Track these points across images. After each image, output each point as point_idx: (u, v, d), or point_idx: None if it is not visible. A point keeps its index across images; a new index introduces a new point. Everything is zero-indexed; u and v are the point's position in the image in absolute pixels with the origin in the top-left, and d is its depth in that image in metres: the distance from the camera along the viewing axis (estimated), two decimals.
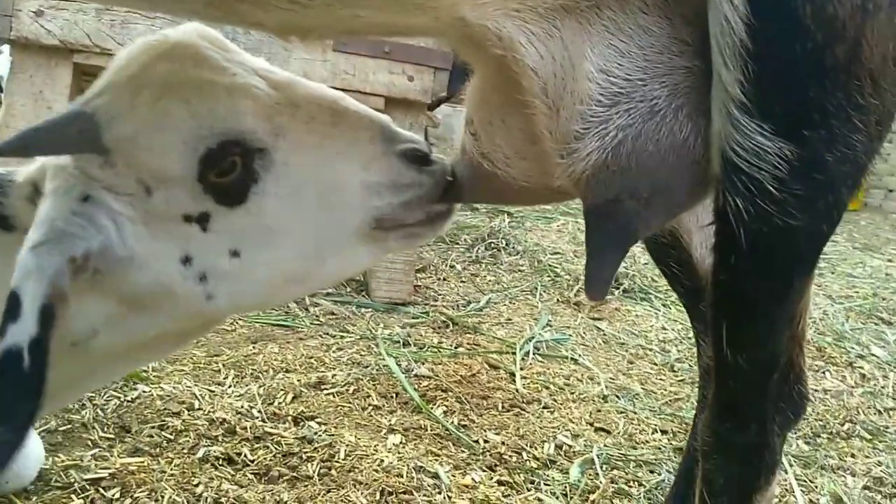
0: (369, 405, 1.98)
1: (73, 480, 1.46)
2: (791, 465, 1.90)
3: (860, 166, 0.78)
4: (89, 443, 1.63)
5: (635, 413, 2.16)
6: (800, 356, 1.13)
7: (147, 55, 0.86)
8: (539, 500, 1.63)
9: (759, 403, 0.96)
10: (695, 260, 1.17)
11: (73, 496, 1.43)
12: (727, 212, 0.77)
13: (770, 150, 0.73)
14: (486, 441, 1.87)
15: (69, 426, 1.68)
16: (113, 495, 1.44)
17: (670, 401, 2.31)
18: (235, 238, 0.87)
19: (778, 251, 0.80)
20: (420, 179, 0.93)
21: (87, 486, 1.45)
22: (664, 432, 2.06)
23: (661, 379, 2.49)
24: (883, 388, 2.58)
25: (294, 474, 1.59)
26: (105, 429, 1.68)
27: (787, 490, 1.78)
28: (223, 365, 2.11)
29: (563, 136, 0.79)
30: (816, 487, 1.81)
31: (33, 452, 1.45)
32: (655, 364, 2.63)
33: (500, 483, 1.69)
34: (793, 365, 1.12)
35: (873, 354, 2.94)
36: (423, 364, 2.28)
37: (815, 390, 2.47)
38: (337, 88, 0.98)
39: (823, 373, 2.69)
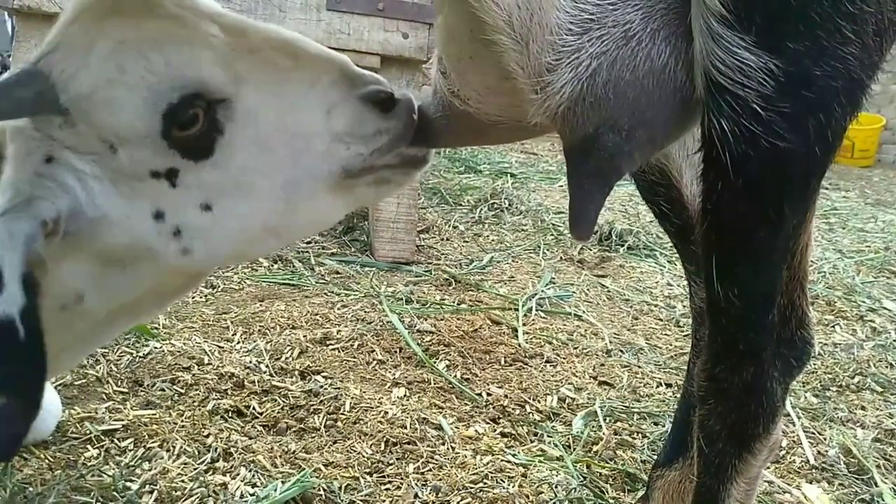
0: (374, 360, 2.01)
1: (88, 432, 1.51)
2: (799, 418, 1.90)
3: (855, 82, 0.73)
4: (104, 396, 1.67)
5: (639, 367, 2.18)
6: (802, 298, 1.08)
7: (98, 6, 0.83)
8: (542, 450, 1.66)
9: (755, 343, 0.91)
10: (685, 198, 1.13)
11: (88, 446, 1.48)
12: (712, 136, 0.74)
13: (754, 66, 0.69)
14: (488, 394, 1.90)
15: (84, 381, 1.73)
16: (126, 446, 1.49)
17: (675, 355, 2.32)
18: (205, 192, 0.85)
19: (766, 176, 0.76)
20: (386, 126, 0.91)
21: (102, 437, 1.50)
22: (668, 385, 2.08)
23: (665, 334, 2.51)
24: (895, 341, 2.55)
25: (301, 426, 1.64)
26: (118, 383, 1.73)
27: (794, 442, 1.79)
28: (231, 322, 2.14)
29: (535, 70, 0.76)
30: (825, 440, 1.81)
31: (53, 408, 1.50)
32: (660, 319, 2.64)
33: (503, 435, 1.72)
34: (794, 307, 1.07)
35: (885, 308, 2.91)
36: (426, 320, 2.31)
37: (825, 344, 2.46)
38: (332, 48, 0.95)
39: (833, 327, 2.67)
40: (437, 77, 0.95)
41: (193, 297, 2.32)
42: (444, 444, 1.63)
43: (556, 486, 1.51)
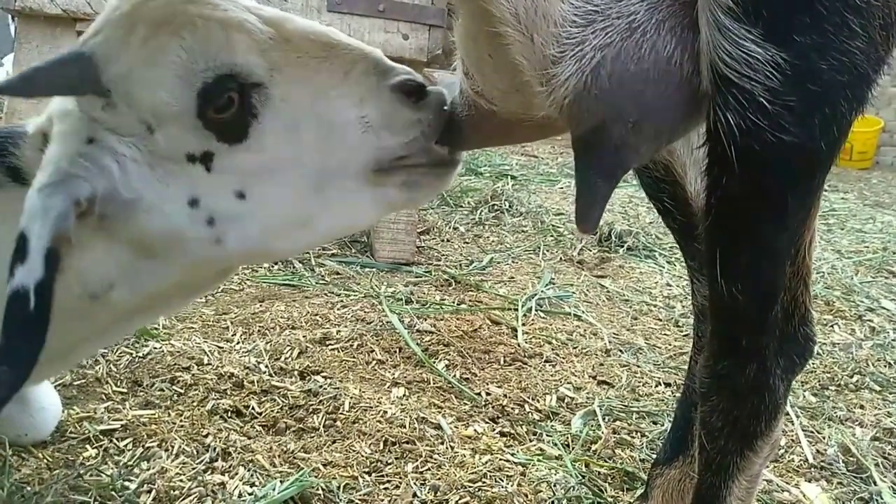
0: (373, 359, 2.01)
1: (87, 431, 1.51)
2: (798, 417, 1.90)
3: (861, 76, 0.72)
4: (103, 396, 1.67)
5: (638, 367, 2.18)
6: (805, 296, 1.07)
7: None
8: (541, 450, 1.66)
9: (758, 340, 0.91)
10: (689, 194, 1.12)
11: (87, 446, 1.48)
12: (718, 129, 0.73)
13: (761, 59, 0.69)
14: (488, 394, 1.90)
15: (83, 381, 1.73)
16: (125, 445, 1.49)
17: (674, 355, 2.32)
18: (240, 178, 0.87)
19: (771, 170, 0.75)
20: (418, 117, 0.92)
21: (101, 437, 1.50)
22: (667, 385, 2.08)
23: (665, 334, 2.51)
24: (893, 340, 2.55)
25: (300, 426, 1.64)
26: (118, 383, 1.73)
27: (793, 441, 1.79)
28: (231, 322, 2.14)
29: (541, 63, 0.76)
30: (824, 438, 1.81)
31: (52, 408, 1.50)
32: (660, 320, 2.64)
33: (502, 434, 1.72)
34: (797, 304, 1.07)
35: (883, 307, 2.91)
36: (426, 320, 2.31)
37: (823, 343, 2.45)
38: None
39: (832, 326, 2.67)
40: (461, 78, 0.95)
41: None
42: (443, 443, 1.63)
43: (554, 485, 1.51)
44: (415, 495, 1.43)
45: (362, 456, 1.54)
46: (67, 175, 0.80)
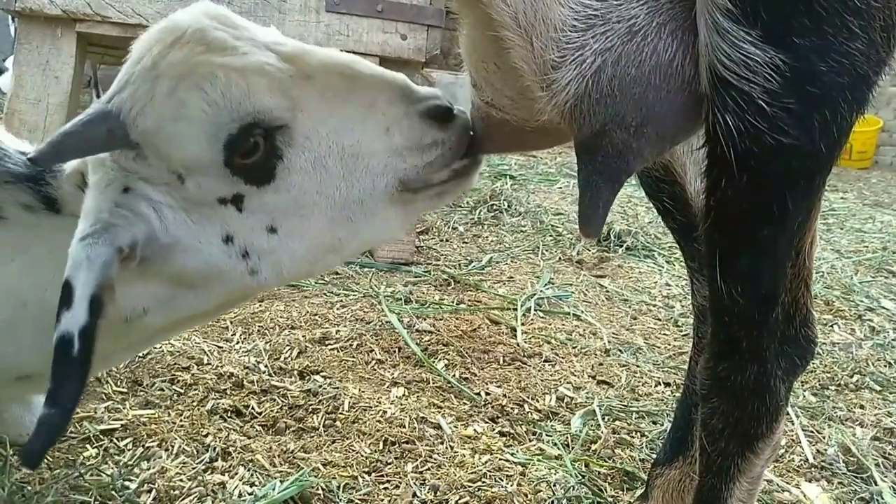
0: (372, 359, 2.01)
1: (87, 431, 1.51)
2: (798, 417, 1.90)
3: (861, 78, 0.72)
4: (103, 396, 1.67)
5: (638, 366, 2.18)
6: (806, 297, 1.07)
7: (159, 44, 0.87)
8: (541, 449, 1.66)
9: (758, 341, 0.90)
10: (689, 195, 1.12)
11: (87, 446, 1.48)
12: (717, 131, 0.73)
13: (760, 61, 0.69)
14: (487, 393, 1.90)
15: None
16: (125, 445, 1.49)
17: (674, 354, 2.32)
18: (270, 215, 0.90)
19: (770, 172, 0.75)
20: (443, 137, 0.93)
21: (101, 437, 1.50)
22: (667, 385, 2.08)
23: (664, 334, 2.51)
24: (893, 340, 2.55)
25: (300, 425, 1.64)
26: (118, 383, 1.73)
27: (793, 441, 1.79)
28: (231, 322, 2.14)
29: (541, 68, 0.76)
30: (824, 438, 1.81)
31: None
32: (659, 319, 2.64)
33: (501, 434, 1.72)
34: (798, 306, 1.07)
35: (883, 307, 2.92)
36: (425, 320, 2.31)
37: (823, 343, 2.45)
38: None
39: (831, 326, 2.67)
40: (470, 91, 0.95)
41: None
42: (442, 443, 1.63)
43: (554, 485, 1.51)
44: (414, 495, 1.43)
45: (362, 456, 1.54)
46: (108, 224, 0.84)
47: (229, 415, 1.65)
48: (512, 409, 1.84)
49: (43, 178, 0.96)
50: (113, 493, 1.32)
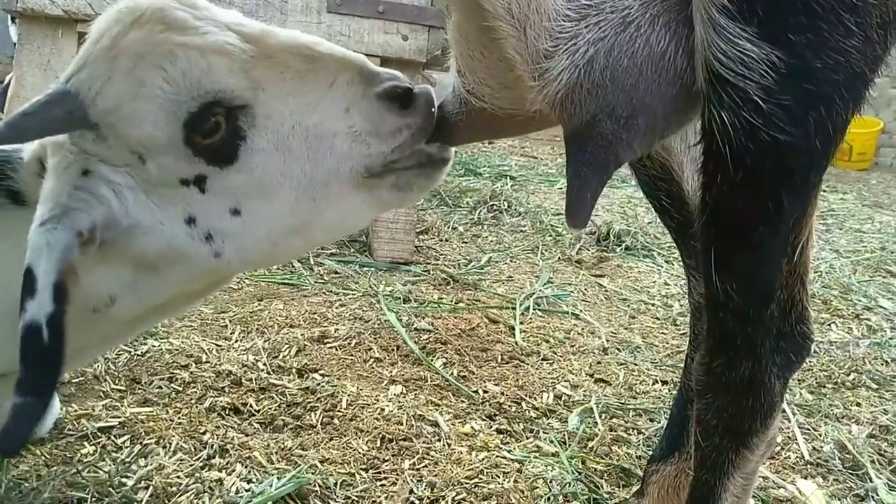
0: (371, 358, 2.02)
1: (85, 429, 1.52)
2: (794, 414, 1.90)
3: (857, 75, 0.72)
4: (101, 394, 1.68)
5: (636, 365, 2.19)
6: (802, 293, 1.07)
7: (119, 24, 0.86)
8: (538, 447, 1.67)
9: (753, 337, 0.91)
10: (686, 193, 1.11)
11: (84, 443, 1.48)
12: (712, 128, 0.73)
13: (756, 57, 0.69)
14: (485, 391, 1.90)
15: (82, 378, 1.73)
16: (123, 442, 1.49)
17: (672, 353, 2.32)
18: (233, 196, 0.89)
19: (766, 169, 0.75)
20: (406, 122, 0.92)
21: (99, 434, 1.51)
22: (665, 383, 2.08)
23: (662, 333, 2.51)
24: (891, 338, 2.55)
25: (298, 423, 1.64)
26: (116, 381, 1.73)
27: (790, 438, 1.79)
28: (230, 321, 2.15)
29: (533, 57, 0.76)
30: (820, 436, 1.82)
31: (51, 407, 1.50)
32: (657, 318, 2.65)
33: (499, 431, 1.73)
34: (794, 302, 1.07)
35: (881, 306, 2.92)
36: (424, 318, 2.32)
37: (821, 342, 2.46)
38: None
39: (829, 325, 2.68)
40: (454, 77, 0.95)
41: None
42: (439, 440, 1.63)
43: (551, 482, 1.51)
44: (411, 492, 1.43)
45: (359, 453, 1.54)
46: (67, 208, 0.82)
47: (227, 412, 1.65)
48: (509, 406, 1.84)
49: (4, 172, 0.95)
50: (110, 489, 1.33)
